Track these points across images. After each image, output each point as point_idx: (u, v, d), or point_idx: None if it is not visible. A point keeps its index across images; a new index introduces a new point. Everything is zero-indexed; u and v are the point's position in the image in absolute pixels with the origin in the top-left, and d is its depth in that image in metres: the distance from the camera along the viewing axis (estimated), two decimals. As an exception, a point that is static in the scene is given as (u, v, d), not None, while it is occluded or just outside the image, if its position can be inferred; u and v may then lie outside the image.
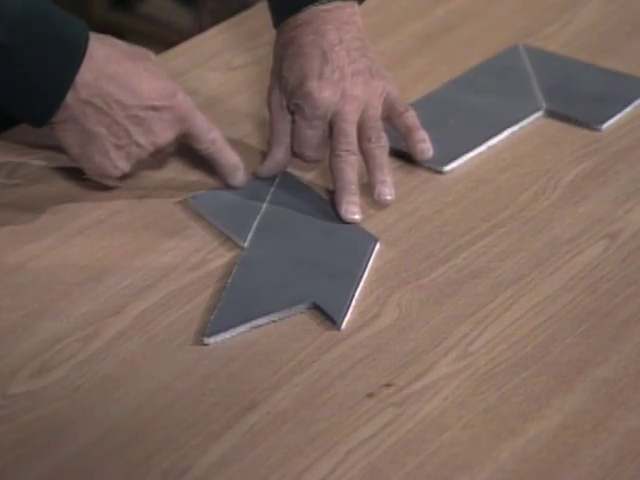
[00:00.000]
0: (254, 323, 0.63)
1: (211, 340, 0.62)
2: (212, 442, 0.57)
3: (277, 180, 0.73)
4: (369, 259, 0.67)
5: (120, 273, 0.66)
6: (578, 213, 0.70)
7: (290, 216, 0.70)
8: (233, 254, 0.68)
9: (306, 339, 0.62)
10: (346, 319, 0.63)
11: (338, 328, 0.63)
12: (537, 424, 0.57)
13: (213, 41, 0.85)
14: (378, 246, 0.68)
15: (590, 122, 0.75)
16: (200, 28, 0.90)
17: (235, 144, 0.75)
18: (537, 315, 0.63)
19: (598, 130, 0.75)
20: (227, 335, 0.62)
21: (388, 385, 0.59)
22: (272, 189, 0.72)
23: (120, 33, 1.91)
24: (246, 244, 0.68)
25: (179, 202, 0.71)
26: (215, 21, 0.88)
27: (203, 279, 0.66)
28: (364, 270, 0.66)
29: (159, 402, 0.59)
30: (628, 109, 0.77)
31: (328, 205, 0.71)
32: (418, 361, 0.61)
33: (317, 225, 0.69)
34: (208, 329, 0.63)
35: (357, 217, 0.69)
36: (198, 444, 0.57)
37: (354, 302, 0.64)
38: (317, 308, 0.64)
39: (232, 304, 0.64)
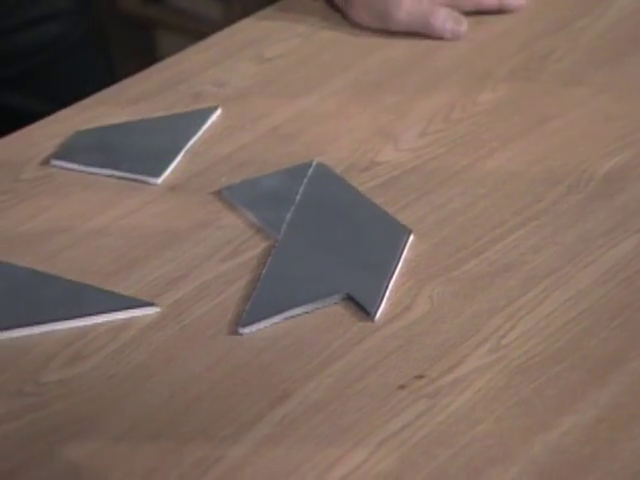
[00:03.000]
0: (288, 314, 0.63)
1: (246, 330, 0.62)
2: (244, 432, 0.57)
3: (310, 171, 0.73)
4: (403, 250, 0.67)
5: (152, 263, 0.67)
6: (612, 206, 0.70)
7: (324, 207, 0.70)
8: (266, 245, 0.68)
9: (338, 330, 0.62)
10: (380, 310, 0.63)
11: (372, 319, 0.63)
12: (571, 418, 0.57)
13: (245, 32, 0.85)
14: (411, 238, 0.68)
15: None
16: (230, 20, 0.90)
17: (267, 136, 0.75)
18: (571, 309, 0.63)
19: None
20: (261, 325, 0.63)
21: (420, 377, 0.59)
22: (305, 180, 0.72)
23: (150, 26, 1.92)
24: (280, 235, 0.68)
25: (212, 192, 0.72)
26: (245, 13, 0.88)
27: (236, 270, 0.66)
28: (398, 261, 0.66)
29: (191, 392, 0.59)
30: None
31: (361, 196, 0.71)
32: (450, 353, 0.61)
33: (350, 216, 0.69)
34: (243, 319, 0.63)
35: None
36: (230, 434, 0.57)
37: (387, 294, 0.64)
38: (351, 299, 0.64)
39: (267, 295, 0.64)
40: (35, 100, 0.76)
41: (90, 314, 0.62)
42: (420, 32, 0.83)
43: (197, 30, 1.38)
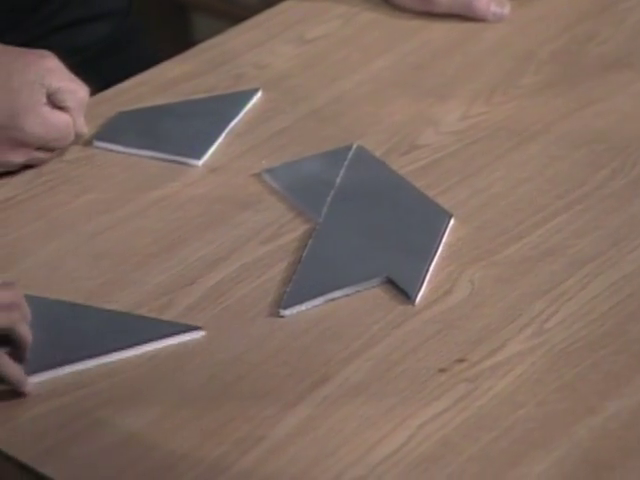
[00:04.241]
0: (329, 296, 0.63)
1: (287, 312, 0.62)
2: (285, 413, 0.57)
3: (350, 154, 0.73)
4: (443, 234, 0.67)
5: (194, 245, 0.67)
6: (658, 190, 0.69)
7: (364, 190, 0.70)
8: (306, 228, 0.68)
9: (378, 313, 0.62)
10: (420, 294, 0.63)
11: (412, 303, 0.63)
12: (616, 402, 0.57)
13: (286, 14, 0.85)
14: (452, 222, 0.68)
15: None
16: (266, 4, 0.90)
17: (307, 118, 0.75)
18: (615, 293, 0.62)
19: None
20: (302, 307, 0.63)
21: (461, 361, 0.59)
22: (346, 163, 0.72)
23: (187, 9, 1.92)
24: (320, 218, 0.68)
25: (253, 175, 0.72)
26: (280, -3, 0.87)
27: (276, 252, 0.66)
28: (438, 245, 0.66)
29: (233, 373, 0.59)
30: None
31: (401, 180, 0.71)
32: (492, 337, 0.60)
33: (391, 200, 0.69)
34: (284, 301, 0.63)
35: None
36: (272, 414, 0.57)
37: (427, 277, 0.64)
38: (391, 282, 0.64)
39: (307, 277, 0.64)
40: None
41: (137, 344, 0.60)
42: (462, 14, 0.82)
43: (233, 13, 1.37)
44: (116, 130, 0.74)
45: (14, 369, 0.58)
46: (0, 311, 0.58)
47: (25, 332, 0.59)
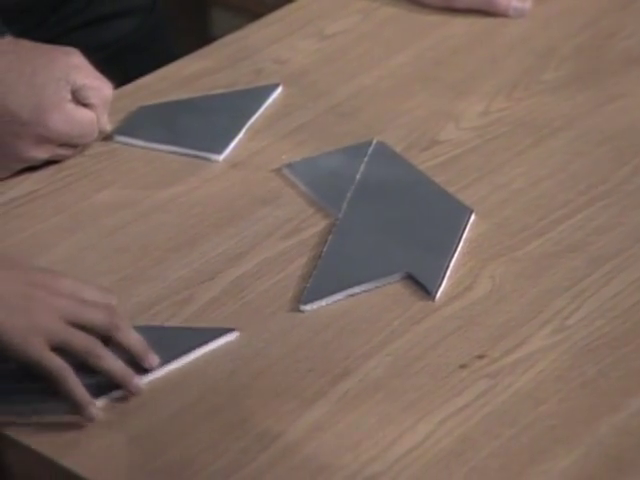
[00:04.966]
0: (349, 292, 0.63)
1: (307, 307, 0.63)
2: (306, 408, 0.57)
3: (370, 150, 0.73)
4: (464, 230, 0.66)
5: (214, 240, 0.67)
6: (681, 187, 0.69)
7: (384, 186, 0.70)
8: (326, 223, 0.68)
9: (398, 309, 0.62)
10: (440, 290, 0.63)
11: (433, 298, 0.63)
12: (639, 400, 0.56)
13: (306, 9, 0.85)
14: (473, 217, 0.68)
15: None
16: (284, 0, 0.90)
17: (327, 113, 0.75)
18: (637, 290, 0.62)
19: None
20: (323, 303, 0.63)
21: (481, 357, 0.59)
22: (366, 159, 0.72)
23: (206, 5, 1.91)
24: (340, 213, 0.68)
25: (273, 170, 0.72)
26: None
27: (296, 247, 0.66)
28: (459, 241, 0.66)
29: (253, 367, 0.59)
30: None
31: (422, 175, 0.71)
32: (512, 334, 0.60)
33: (411, 195, 0.69)
34: (305, 296, 0.63)
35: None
36: (292, 409, 0.57)
37: (447, 273, 0.64)
38: (411, 278, 0.64)
39: (328, 272, 0.64)
40: None
41: (175, 358, 0.59)
42: (483, 9, 0.82)
43: (252, 9, 1.37)
44: (137, 125, 0.75)
45: (78, 389, 0.55)
46: (97, 309, 0.57)
47: (127, 336, 0.57)
